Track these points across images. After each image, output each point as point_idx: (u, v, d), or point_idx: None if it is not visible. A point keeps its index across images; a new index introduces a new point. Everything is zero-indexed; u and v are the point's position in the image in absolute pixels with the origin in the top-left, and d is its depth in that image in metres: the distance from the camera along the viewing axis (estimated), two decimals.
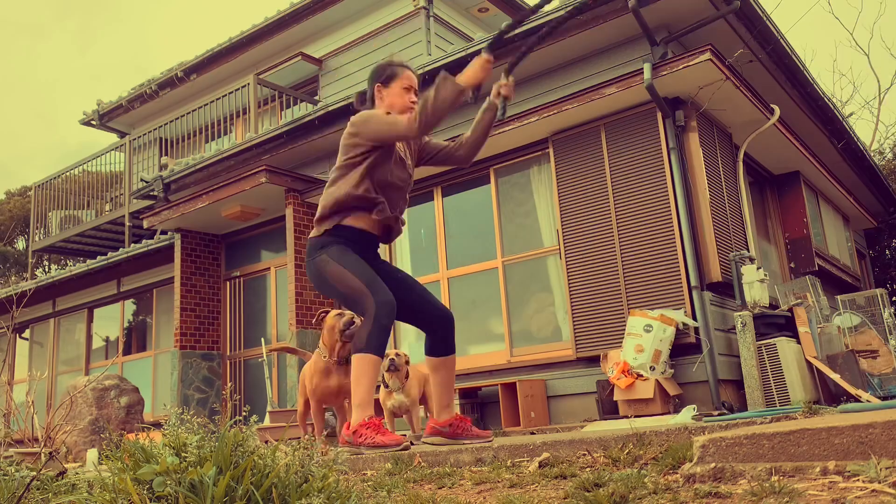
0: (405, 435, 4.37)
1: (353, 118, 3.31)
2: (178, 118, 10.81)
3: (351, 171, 3.24)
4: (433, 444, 3.33)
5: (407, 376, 4.88)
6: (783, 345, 5.40)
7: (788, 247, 8.17)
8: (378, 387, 5.08)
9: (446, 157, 3.45)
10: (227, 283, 9.37)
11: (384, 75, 3.35)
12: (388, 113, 3.24)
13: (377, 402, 5.41)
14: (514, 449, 2.88)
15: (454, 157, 3.42)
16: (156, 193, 9.39)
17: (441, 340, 3.36)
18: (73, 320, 12.15)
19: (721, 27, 6.33)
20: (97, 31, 66.49)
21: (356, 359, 3.12)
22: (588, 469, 2.38)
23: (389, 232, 3.38)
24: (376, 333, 3.09)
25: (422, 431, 4.03)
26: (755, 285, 5.64)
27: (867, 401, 4.98)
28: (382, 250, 7.65)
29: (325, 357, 4.50)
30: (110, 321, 11.67)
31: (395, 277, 3.38)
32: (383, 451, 3.02)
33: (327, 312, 4.59)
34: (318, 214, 3.34)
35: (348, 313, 4.45)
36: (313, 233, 3.37)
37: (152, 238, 10.28)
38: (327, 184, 3.36)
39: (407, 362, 4.86)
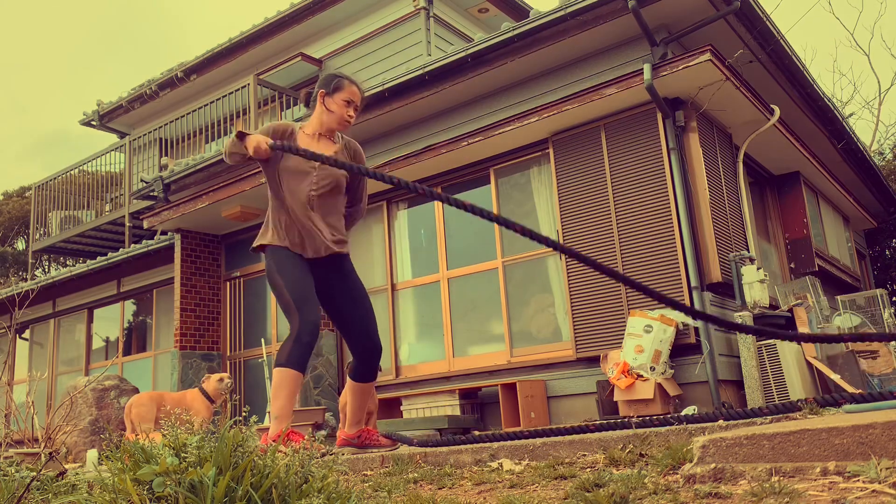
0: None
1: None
2: (178, 118, 10.80)
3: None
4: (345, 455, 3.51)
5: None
6: (783, 345, 5.41)
7: (788, 247, 8.17)
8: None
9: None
10: (227, 283, 9.37)
11: (331, 85, 3.51)
12: (324, 118, 3.48)
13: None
14: (514, 449, 2.88)
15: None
16: (156, 194, 9.38)
17: (368, 370, 3.55)
18: (73, 321, 12.14)
19: (721, 27, 6.33)
20: (95, 30, 66.51)
21: (276, 372, 3.25)
22: (588, 469, 2.38)
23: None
24: (297, 350, 3.23)
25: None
26: (755, 285, 5.64)
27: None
28: (384, 248, 7.65)
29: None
30: (110, 321, 11.66)
31: (343, 295, 3.49)
32: None
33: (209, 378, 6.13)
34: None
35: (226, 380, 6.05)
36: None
37: (152, 238, 10.27)
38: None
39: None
